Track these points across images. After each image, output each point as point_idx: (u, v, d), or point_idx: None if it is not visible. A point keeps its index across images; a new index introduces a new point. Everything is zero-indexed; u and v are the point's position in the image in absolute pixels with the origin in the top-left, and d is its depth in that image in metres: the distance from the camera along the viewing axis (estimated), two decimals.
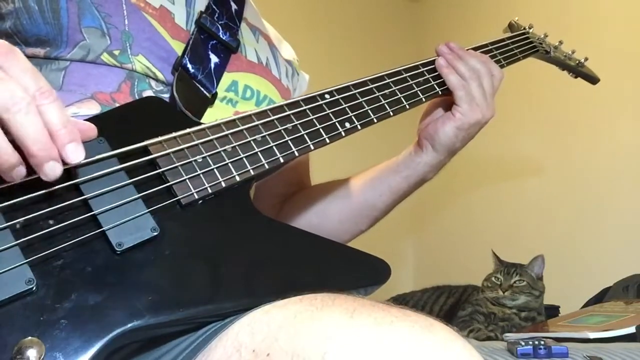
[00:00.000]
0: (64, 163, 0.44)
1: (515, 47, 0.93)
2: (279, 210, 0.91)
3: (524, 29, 1.01)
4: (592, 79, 1.11)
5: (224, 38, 0.72)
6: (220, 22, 0.73)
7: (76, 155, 0.44)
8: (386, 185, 0.84)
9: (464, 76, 0.79)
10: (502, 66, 0.87)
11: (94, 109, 0.63)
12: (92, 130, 0.51)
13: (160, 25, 0.68)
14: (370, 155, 0.99)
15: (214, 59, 0.71)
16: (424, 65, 0.79)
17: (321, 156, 0.80)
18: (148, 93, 0.66)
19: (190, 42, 0.69)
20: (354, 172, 0.90)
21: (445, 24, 2.69)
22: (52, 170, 0.43)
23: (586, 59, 1.10)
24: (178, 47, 0.69)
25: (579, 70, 1.09)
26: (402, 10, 2.86)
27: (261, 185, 0.86)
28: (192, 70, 0.68)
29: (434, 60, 0.81)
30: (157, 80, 0.68)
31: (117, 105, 0.64)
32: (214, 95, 0.70)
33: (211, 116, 0.69)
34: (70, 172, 0.49)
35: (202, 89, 0.69)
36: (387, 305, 0.46)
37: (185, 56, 0.68)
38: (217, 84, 0.71)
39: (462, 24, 2.52)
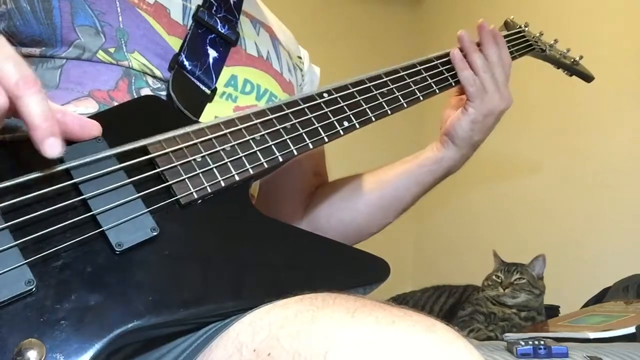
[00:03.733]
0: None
1: (511, 45, 0.93)
2: (306, 207, 0.90)
3: (520, 27, 1.01)
4: (587, 77, 1.12)
5: (222, 31, 0.71)
6: (218, 15, 0.72)
7: (54, 150, 0.43)
8: (413, 179, 0.85)
9: (478, 70, 0.81)
10: None
11: (92, 107, 0.62)
12: (96, 127, 0.51)
13: (156, 21, 0.68)
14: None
15: (212, 53, 0.70)
16: (420, 63, 0.80)
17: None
18: (146, 90, 0.66)
19: (187, 37, 0.69)
20: (367, 166, 0.91)
21: (445, 24, 2.69)
22: (53, 147, 0.43)
23: (581, 57, 1.10)
24: (174, 43, 0.68)
25: (573, 69, 1.09)
26: (402, 10, 2.86)
27: (281, 184, 0.86)
28: (189, 67, 0.68)
29: (430, 59, 0.82)
30: (154, 77, 0.67)
31: (115, 103, 0.63)
32: (214, 91, 0.70)
33: (211, 112, 0.68)
34: (69, 172, 0.49)
35: (200, 85, 0.68)
36: (388, 305, 0.46)
37: (182, 53, 0.67)
38: (217, 79, 0.70)
39: (462, 25, 2.50)
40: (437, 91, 0.80)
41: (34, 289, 0.43)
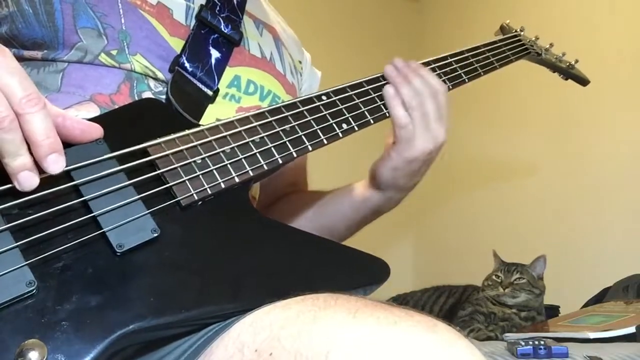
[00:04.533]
0: (42, 172, 0.45)
1: (508, 49, 0.94)
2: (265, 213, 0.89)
3: (516, 31, 1.02)
4: (583, 81, 1.12)
5: (225, 31, 0.71)
6: (221, 15, 0.72)
7: (56, 166, 0.45)
8: (340, 214, 0.82)
9: (410, 105, 0.72)
10: (494, 68, 0.88)
11: (93, 111, 0.62)
12: (97, 130, 0.51)
13: (159, 23, 0.67)
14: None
15: (215, 54, 0.70)
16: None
17: (324, 156, 0.79)
18: (147, 94, 0.66)
19: (189, 38, 0.68)
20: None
21: (445, 24, 2.69)
22: (26, 180, 0.44)
23: (576, 61, 1.11)
24: (176, 45, 0.68)
25: (569, 72, 1.10)
26: (401, 10, 2.86)
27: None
28: (190, 69, 0.67)
29: (427, 62, 0.80)
30: (156, 79, 0.67)
31: (117, 107, 0.63)
32: (216, 92, 0.69)
33: (213, 114, 0.68)
34: (69, 173, 0.49)
35: (202, 86, 0.68)
36: (390, 305, 0.46)
37: (183, 55, 0.67)
38: (219, 80, 0.70)
39: (462, 24, 2.52)
40: None
41: (34, 290, 0.43)
